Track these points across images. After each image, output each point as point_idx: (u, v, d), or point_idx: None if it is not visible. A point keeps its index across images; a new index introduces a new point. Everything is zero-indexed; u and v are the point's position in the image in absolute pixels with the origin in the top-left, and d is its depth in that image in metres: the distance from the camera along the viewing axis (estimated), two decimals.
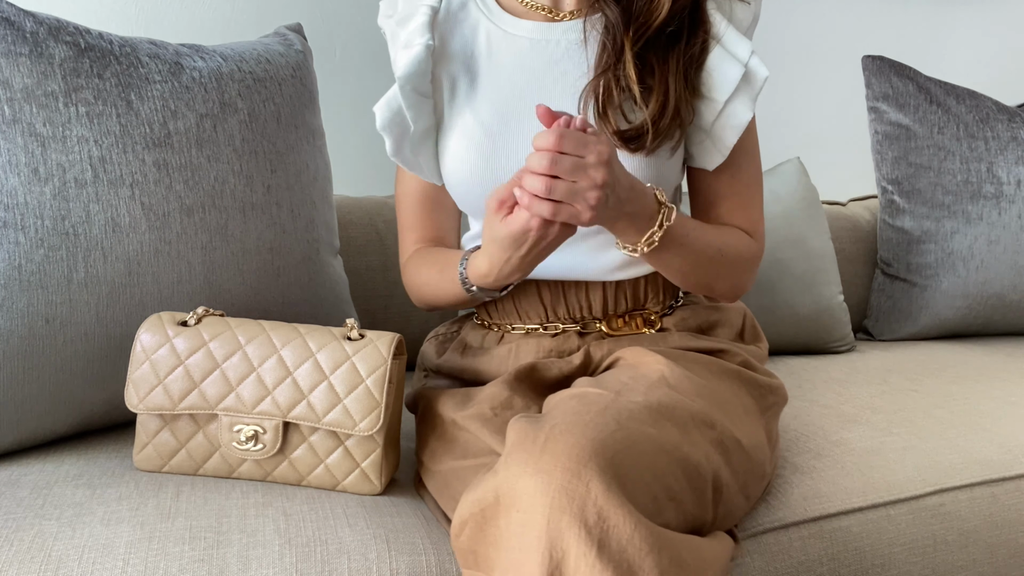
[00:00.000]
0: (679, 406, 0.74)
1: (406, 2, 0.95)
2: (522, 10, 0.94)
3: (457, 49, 0.94)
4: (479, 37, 0.94)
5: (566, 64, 0.91)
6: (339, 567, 0.73)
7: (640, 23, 0.88)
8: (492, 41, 0.93)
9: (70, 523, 0.76)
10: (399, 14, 0.95)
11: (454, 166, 0.92)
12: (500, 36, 0.93)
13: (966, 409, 1.16)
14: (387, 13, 0.98)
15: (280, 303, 1.05)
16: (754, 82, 0.89)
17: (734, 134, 0.90)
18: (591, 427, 0.66)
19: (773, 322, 1.43)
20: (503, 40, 0.93)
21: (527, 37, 0.93)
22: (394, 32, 0.95)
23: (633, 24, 0.88)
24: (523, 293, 0.93)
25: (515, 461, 0.65)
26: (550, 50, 0.92)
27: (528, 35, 0.93)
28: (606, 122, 0.87)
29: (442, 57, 0.93)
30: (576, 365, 0.89)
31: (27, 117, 0.90)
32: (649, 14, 0.88)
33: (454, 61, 0.93)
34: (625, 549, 0.61)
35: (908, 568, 0.92)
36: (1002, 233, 1.58)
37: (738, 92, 0.89)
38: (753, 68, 0.89)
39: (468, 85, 0.92)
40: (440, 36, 0.93)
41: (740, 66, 0.88)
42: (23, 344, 0.89)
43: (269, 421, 0.84)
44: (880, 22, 2.06)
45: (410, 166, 0.95)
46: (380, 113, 0.90)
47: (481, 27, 0.94)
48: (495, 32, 0.94)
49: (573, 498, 0.62)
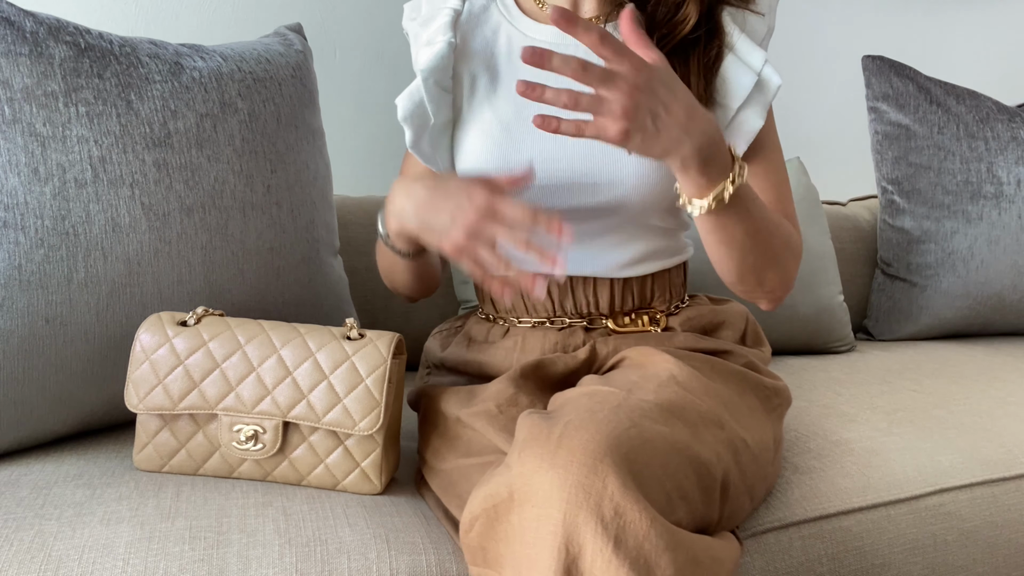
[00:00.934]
0: (689, 406, 0.75)
1: (429, 4, 0.97)
2: (542, 15, 0.96)
3: (478, 48, 0.96)
4: (500, 39, 0.96)
5: None
6: (339, 567, 0.73)
7: (664, 32, 0.89)
8: (512, 44, 0.95)
9: (70, 523, 0.76)
10: (422, 16, 0.97)
11: (470, 161, 0.93)
12: (520, 39, 0.95)
13: (966, 409, 1.16)
14: (411, 16, 1.00)
15: (280, 303, 1.05)
16: (767, 91, 0.90)
17: (744, 141, 0.91)
18: (605, 423, 0.66)
19: (773, 322, 1.43)
20: (523, 43, 0.95)
21: (547, 41, 0.94)
22: (417, 33, 0.98)
23: (657, 32, 0.89)
24: None
25: (529, 456, 0.65)
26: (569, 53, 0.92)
27: (548, 39, 0.94)
28: None
29: (463, 55, 0.95)
30: (582, 360, 0.89)
31: (27, 117, 0.90)
32: (674, 25, 0.88)
33: (475, 60, 0.95)
34: (642, 545, 0.61)
35: (908, 568, 0.92)
36: (1002, 233, 1.58)
37: (750, 100, 0.90)
38: (766, 77, 0.90)
39: (488, 83, 0.94)
40: (462, 36, 0.95)
41: (753, 74, 0.90)
42: (23, 344, 0.89)
43: (269, 421, 0.84)
44: (880, 22, 2.06)
45: (426, 158, 0.96)
46: (402, 105, 0.92)
47: (502, 30, 0.96)
48: (515, 35, 0.96)
49: (590, 493, 0.61)
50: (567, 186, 0.90)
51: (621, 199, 0.91)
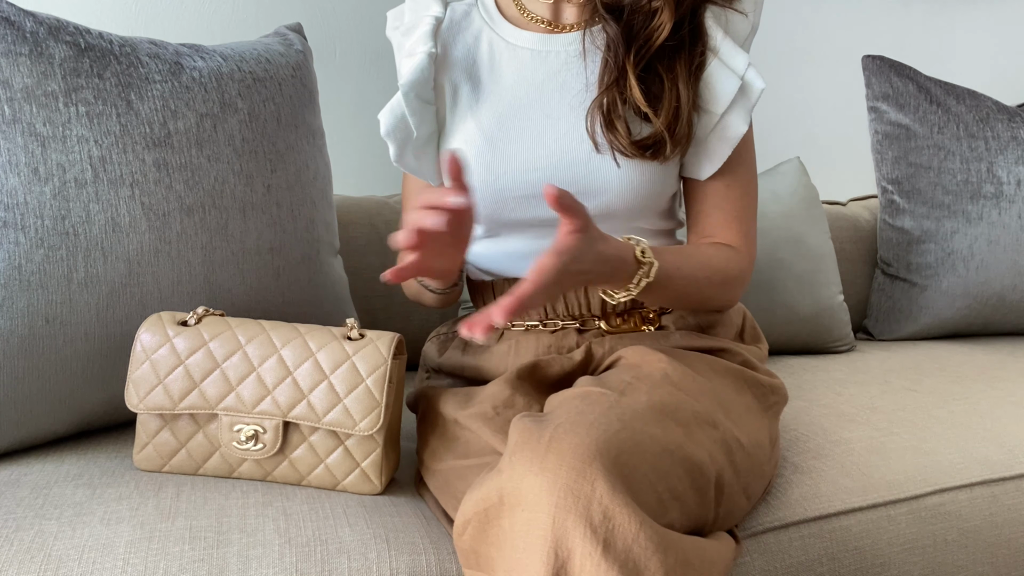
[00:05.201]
0: (682, 406, 0.75)
1: (412, 13, 0.97)
2: (524, 21, 0.97)
3: (459, 56, 0.96)
4: (481, 45, 0.96)
5: (565, 75, 0.93)
6: (339, 567, 0.73)
7: (641, 43, 0.89)
8: (494, 50, 0.95)
9: (70, 523, 0.76)
10: (405, 25, 0.98)
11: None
12: (502, 46, 0.95)
13: (966, 409, 1.16)
14: (394, 25, 1.00)
15: (280, 303, 1.05)
16: (750, 95, 0.90)
17: (728, 146, 0.92)
18: (595, 427, 0.66)
19: (773, 322, 1.43)
20: (505, 50, 0.95)
21: (528, 48, 0.94)
22: (400, 43, 0.98)
23: (635, 43, 0.89)
24: None
25: (519, 460, 0.65)
26: (550, 61, 0.94)
27: (529, 46, 0.95)
28: (615, 135, 0.88)
29: (444, 65, 0.95)
30: (577, 362, 0.89)
31: (27, 117, 0.90)
32: (650, 34, 0.88)
33: (456, 68, 0.95)
34: (631, 548, 0.61)
35: (908, 568, 0.92)
36: (1002, 233, 1.58)
37: (734, 105, 0.90)
38: (749, 81, 0.90)
39: (470, 92, 0.94)
40: (443, 44, 0.95)
41: (737, 79, 0.90)
42: (23, 344, 0.89)
43: (269, 421, 0.84)
44: (880, 22, 2.06)
45: (413, 171, 0.98)
46: (384, 120, 0.92)
47: (484, 36, 0.96)
48: (497, 42, 0.96)
49: (578, 497, 0.62)
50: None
51: (607, 206, 0.91)
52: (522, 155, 0.90)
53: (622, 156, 0.88)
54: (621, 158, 0.89)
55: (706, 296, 0.92)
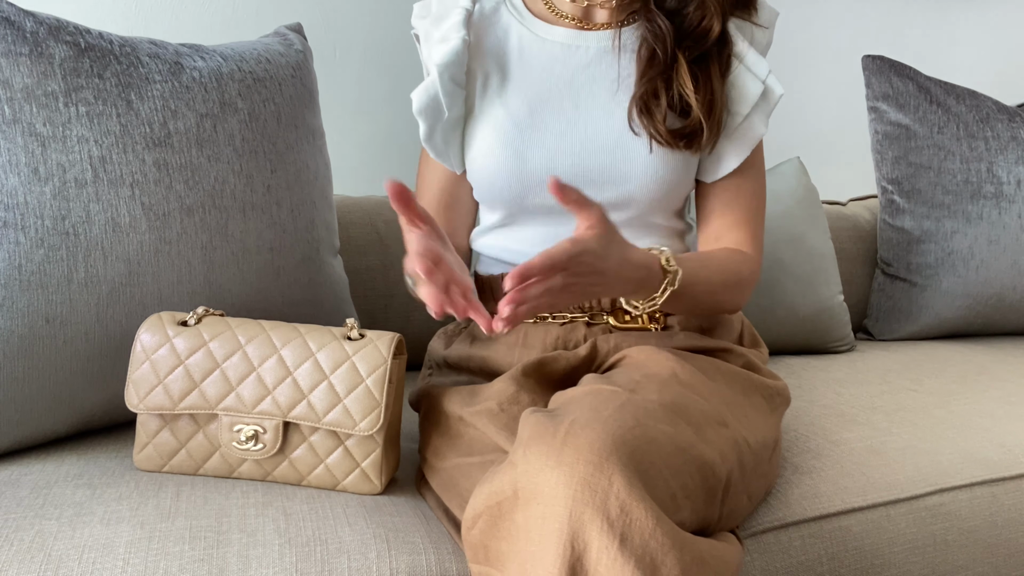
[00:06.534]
0: (693, 405, 0.75)
1: (440, 4, 0.99)
2: (553, 18, 0.99)
3: (490, 47, 0.98)
4: (511, 39, 0.99)
5: (596, 69, 0.96)
6: (339, 567, 0.73)
7: (693, 39, 0.93)
8: (524, 44, 0.98)
9: (70, 523, 0.76)
10: (433, 15, 1.00)
11: (482, 156, 0.95)
12: (532, 40, 0.98)
13: (966, 409, 1.16)
14: (421, 14, 1.02)
15: (280, 303, 1.05)
16: (770, 99, 0.96)
17: (748, 147, 0.96)
18: (611, 422, 0.66)
19: (773, 322, 1.43)
20: (535, 43, 0.98)
21: (559, 42, 0.97)
22: (428, 31, 1.00)
23: (687, 39, 0.93)
24: None
25: (535, 454, 0.65)
26: (580, 54, 0.97)
27: (560, 40, 0.98)
28: (652, 121, 0.91)
29: (476, 53, 0.98)
30: (582, 357, 0.90)
31: (27, 117, 0.90)
32: (703, 31, 0.93)
33: (487, 57, 0.98)
34: (648, 543, 0.61)
35: (908, 568, 0.92)
36: (1002, 233, 1.58)
37: (756, 108, 0.95)
38: (771, 86, 0.96)
39: (500, 81, 0.97)
40: (475, 34, 0.98)
41: (760, 83, 0.95)
42: (23, 344, 0.89)
43: (269, 421, 0.84)
44: (880, 22, 2.06)
45: (438, 152, 0.99)
46: (417, 98, 0.95)
47: (513, 30, 0.99)
48: (527, 36, 0.98)
49: (595, 491, 0.62)
50: (574, 182, 0.91)
51: (628, 195, 0.93)
52: (550, 140, 0.93)
53: (655, 143, 0.91)
54: (654, 145, 0.92)
55: (719, 300, 0.93)
